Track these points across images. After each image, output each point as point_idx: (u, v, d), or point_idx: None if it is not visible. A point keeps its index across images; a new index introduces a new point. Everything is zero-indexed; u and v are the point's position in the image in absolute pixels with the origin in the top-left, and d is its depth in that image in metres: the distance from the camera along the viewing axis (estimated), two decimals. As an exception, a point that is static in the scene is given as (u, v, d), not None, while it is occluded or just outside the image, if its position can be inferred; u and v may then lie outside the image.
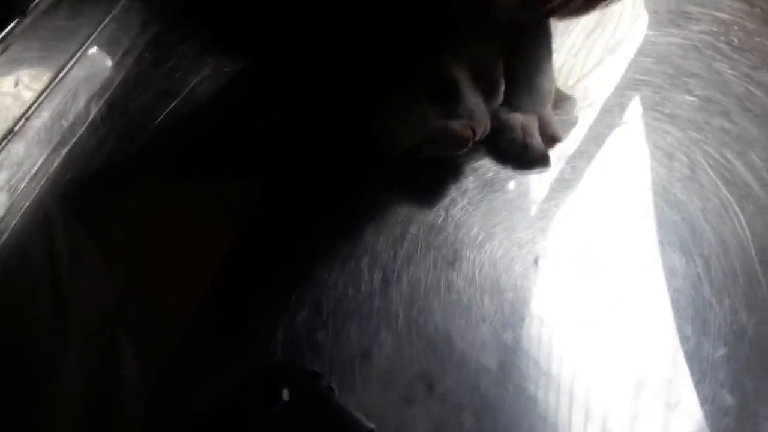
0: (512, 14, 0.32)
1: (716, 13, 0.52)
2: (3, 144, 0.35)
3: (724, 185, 0.37)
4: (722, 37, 0.49)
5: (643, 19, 0.51)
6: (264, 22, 0.35)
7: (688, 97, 0.44)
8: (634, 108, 0.42)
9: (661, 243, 0.34)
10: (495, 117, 0.37)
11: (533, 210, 0.35)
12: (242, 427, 0.23)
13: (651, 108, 0.43)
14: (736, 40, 0.49)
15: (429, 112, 0.34)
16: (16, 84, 0.37)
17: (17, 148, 0.36)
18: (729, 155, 0.40)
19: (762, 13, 0.53)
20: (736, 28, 0.51)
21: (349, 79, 0.34)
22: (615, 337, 0.30)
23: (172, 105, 0.39)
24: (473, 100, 0.35)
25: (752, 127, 0.41)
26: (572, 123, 0.42)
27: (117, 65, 0.42)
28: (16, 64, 0.36)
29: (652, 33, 0.50)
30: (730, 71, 0.46)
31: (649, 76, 0.46)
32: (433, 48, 0.34)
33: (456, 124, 0.34)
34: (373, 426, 0.24)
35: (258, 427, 0.23)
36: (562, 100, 0.43)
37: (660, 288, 0.32)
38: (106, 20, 0.43)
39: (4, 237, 0.34)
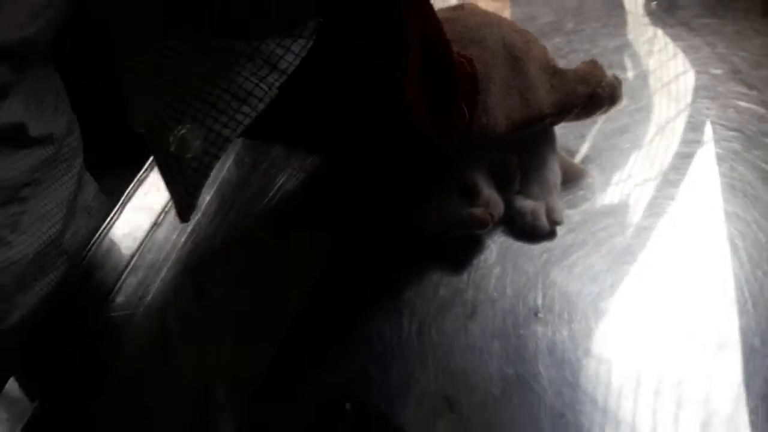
0: (509, 135, 0.44)
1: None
2: (150, 234, 0.50)
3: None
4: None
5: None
6: (327, 139, 0.46)
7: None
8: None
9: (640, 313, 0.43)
10: (511, 203, 0.48)
11: (537, 274, 0.46)
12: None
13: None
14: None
15: (456, 203, 0.46)
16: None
17: (159, 235, 0.51)
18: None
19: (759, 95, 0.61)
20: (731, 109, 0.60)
21: (397, 179, 0.47)
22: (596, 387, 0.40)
23: (266, 201, 0.52)
24: (488, 192, 0.46)
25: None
26: (584, 198, 0.52)
27: (221, 167, 0.56)
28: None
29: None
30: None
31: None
32: (455, 157, 0.46)
33: (477, 211, 0.46)
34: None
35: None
36: (576, 175, 0.53)
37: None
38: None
39: (140, 311, 0.47)
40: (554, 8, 0.76)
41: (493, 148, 0.47)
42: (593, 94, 0.49)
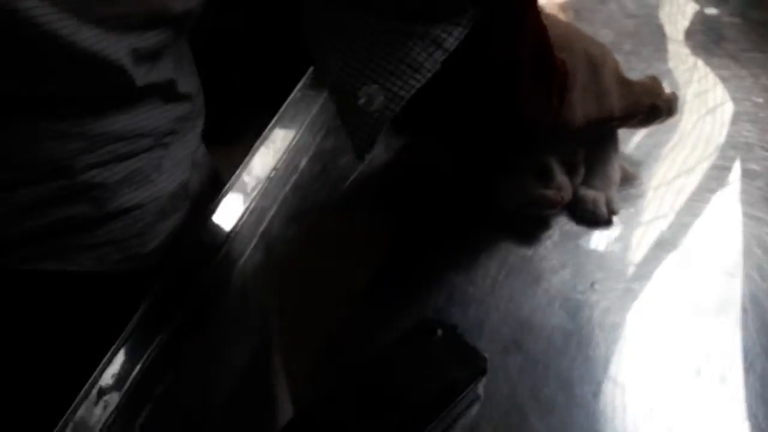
0: (583, 130, 0.52)
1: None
2: (263, 186, 0.59)
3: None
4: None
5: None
6: (422, 116, 0.54)
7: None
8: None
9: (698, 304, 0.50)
10: (575, 192, 0.56)
11: (595, 251, 0.54)
12: (417, 349, 0.42)
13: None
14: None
15: (533, 183, 0.53)
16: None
17: (270, 188, 0.59)
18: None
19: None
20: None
21: (481, 160, 0.55)
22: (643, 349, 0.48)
23: (360, 168, 0.61)
24: (561, 177, 0.54)
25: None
26: (636, 195, 0.60)
27: (324, 138, 0.65)
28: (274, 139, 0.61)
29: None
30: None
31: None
32: (536, 143, 0.54)
33: (550, 193, 0.53)
34: (486, 356, 0.43)
35: (426, 349, 0.42)
36: (629, 177, 0.60)
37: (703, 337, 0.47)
38: (316, 107, 0.67)
39: (250, 248, 0.56)
40: (614, 30, 0.83)
41: (566, 141, 0.55)
42: (654, 105, 0.57)
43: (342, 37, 0.43)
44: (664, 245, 0.54)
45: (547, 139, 0.53)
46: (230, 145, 0.65)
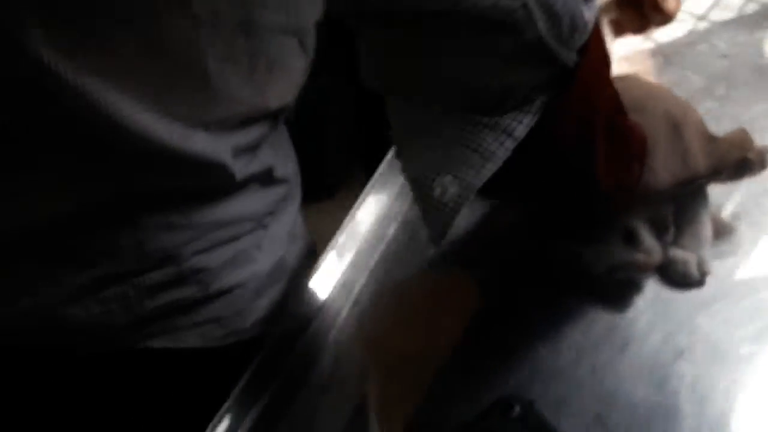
0: (669, 191, 0.51)
1: None
2: (356, 254, 0.63)
3: None
4: None
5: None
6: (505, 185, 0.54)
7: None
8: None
9: None
10: (664, 253, 0.55)
11: (684, 318, 0.52)
12: (494, 428, 0.44)
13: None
14: None
15: (620, 250, 0.54)
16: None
17: (360, 259, 0.63)
18: None
19: None
20: None
21: (572, 226, 0.56)
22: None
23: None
24: (649, 240, 0.54)
25: None
26: (730, 252, 0.58)
27: (412, 207, 0.68)
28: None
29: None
30: None
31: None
32: (624, 207, 0.54)
33: (639, 257, 0.53)
34: (564, 434, 0.43)
35: (503, 427, 0.43)
36: (724, 228, 0.59)
37: None
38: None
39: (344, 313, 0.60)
40: (705, 74, 0.81)
41: (653, 201, 0.54)
42: (744, 159, 0.55)
43: (420, 134, 0.46)
44: (763, 309, 0.52)
45: (633, 203, 0.53)
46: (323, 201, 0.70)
